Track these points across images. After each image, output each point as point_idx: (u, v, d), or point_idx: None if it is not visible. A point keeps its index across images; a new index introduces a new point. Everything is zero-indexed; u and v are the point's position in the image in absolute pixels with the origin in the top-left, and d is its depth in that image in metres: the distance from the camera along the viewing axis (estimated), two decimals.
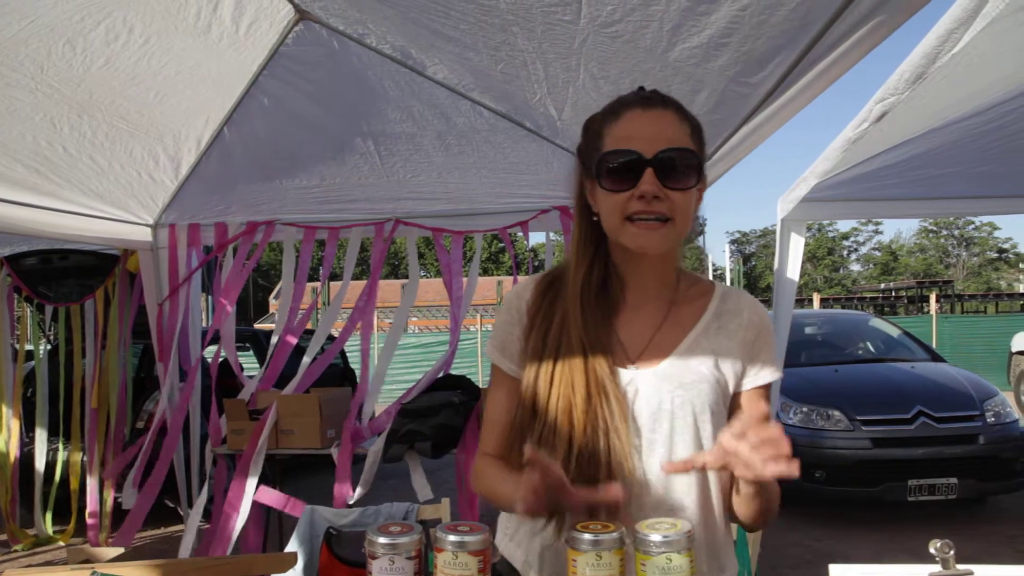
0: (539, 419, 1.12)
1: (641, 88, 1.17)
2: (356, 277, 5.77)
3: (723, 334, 1.16)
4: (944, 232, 47.97)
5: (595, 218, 1.16)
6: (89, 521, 4.63)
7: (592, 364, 1.10)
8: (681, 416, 1.10)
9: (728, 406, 1.17)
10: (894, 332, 6.98)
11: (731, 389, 1.16)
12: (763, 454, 0.94)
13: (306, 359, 4.38)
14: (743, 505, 1.11)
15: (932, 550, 0.90)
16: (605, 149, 1.10)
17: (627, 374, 1.13)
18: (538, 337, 1.15)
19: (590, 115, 1.21)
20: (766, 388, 1.17)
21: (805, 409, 5.15)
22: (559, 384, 1.11)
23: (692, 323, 1.16)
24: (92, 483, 4.70)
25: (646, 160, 1.06)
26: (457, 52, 2.73)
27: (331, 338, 4.86)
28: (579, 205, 1.19)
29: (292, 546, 2.64)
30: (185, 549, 3.95)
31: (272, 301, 31.93)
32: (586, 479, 1.06)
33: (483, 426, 1.24)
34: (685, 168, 1.08)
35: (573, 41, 2.42)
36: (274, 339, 4.41)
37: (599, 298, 1.15)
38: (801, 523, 5.02)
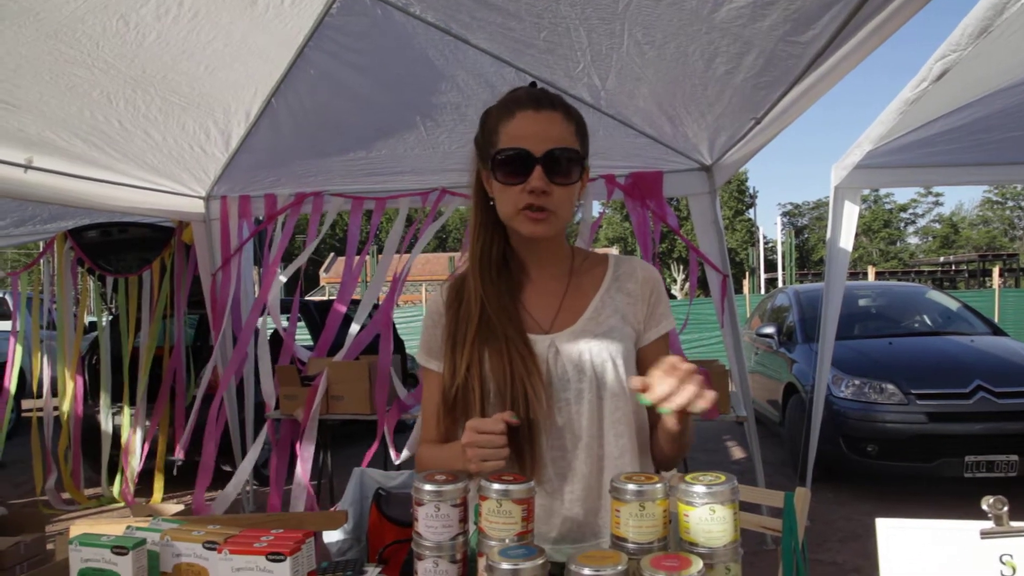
0: (459, 388, 1.22)
1: (533, 84, 1.29)
2: (408, 250, 5.82)
3: (623, 292, 1.29)
4: (1011, 203, 45.91)
5: (491, 203, 1.26)
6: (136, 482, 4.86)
7: (500, 330, 1.20)
8: (600, 363, 1.22)
9: (635, 357, 1.28)
10: (952, 305, 6.74)
11: (636, 341, 1.28)
12: (687, 391, 1.02)
13: (354, 327, 4.46)
14: (669, 442, 1.22)
15: (984, 506, 0.88)
16: (500, 145, 1.20)
17: (544, 339, 1.24)
18: (451, 322, 1.26)
19: (493, 106, 1.27)
20: (666, 337, 1.30)
21: (857, 382, 5.01)
22: (469, 353, 1.21)
23: (595, 288, 1.30)
24: (141, 445, 4.92)
25: (536, 158, 1.17)
26: (500, 22, 2.71)
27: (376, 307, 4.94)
28: (476, 190, 1.29)
29: (343, 505, 2.72)
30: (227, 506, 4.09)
31: (323, 275, 32.43)
32: (511, 431, 1.15)
33: (421, 422, 1.35)
34: (569, 165, 1.20)
35: (617, 5, 2.38)
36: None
37: (501, 274, 1.27)
38: (851, 497, 4.94)
